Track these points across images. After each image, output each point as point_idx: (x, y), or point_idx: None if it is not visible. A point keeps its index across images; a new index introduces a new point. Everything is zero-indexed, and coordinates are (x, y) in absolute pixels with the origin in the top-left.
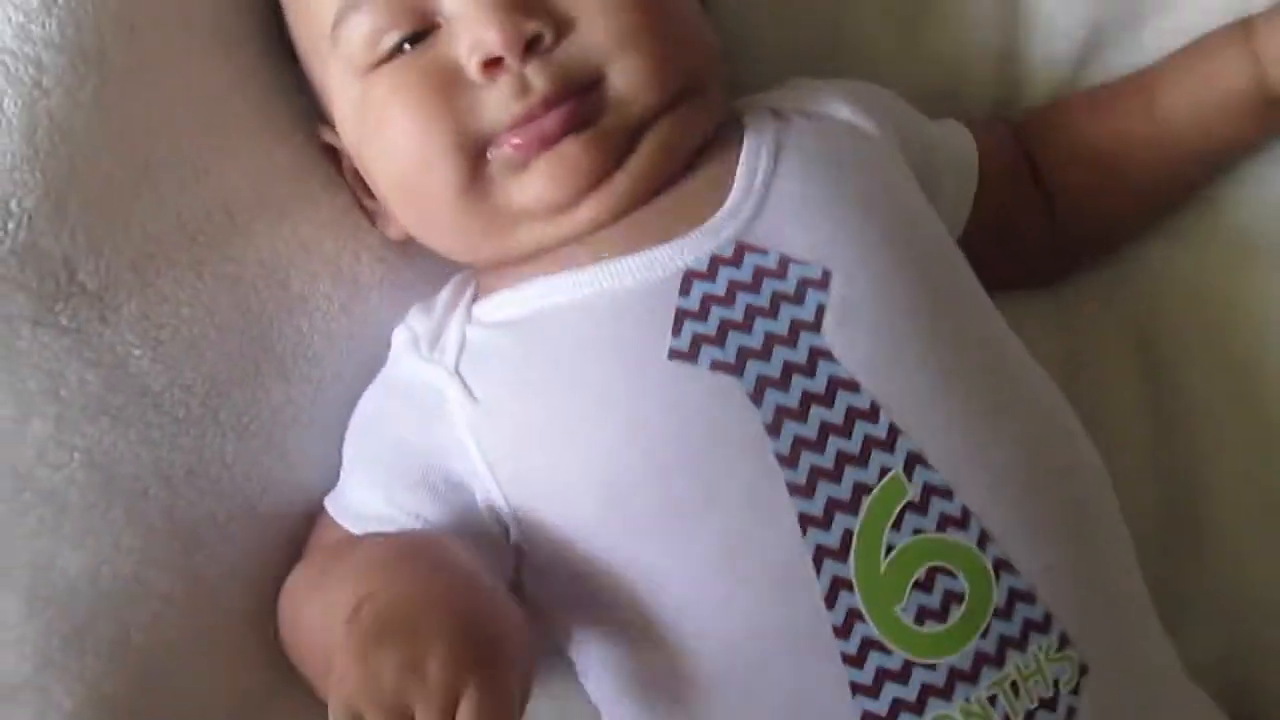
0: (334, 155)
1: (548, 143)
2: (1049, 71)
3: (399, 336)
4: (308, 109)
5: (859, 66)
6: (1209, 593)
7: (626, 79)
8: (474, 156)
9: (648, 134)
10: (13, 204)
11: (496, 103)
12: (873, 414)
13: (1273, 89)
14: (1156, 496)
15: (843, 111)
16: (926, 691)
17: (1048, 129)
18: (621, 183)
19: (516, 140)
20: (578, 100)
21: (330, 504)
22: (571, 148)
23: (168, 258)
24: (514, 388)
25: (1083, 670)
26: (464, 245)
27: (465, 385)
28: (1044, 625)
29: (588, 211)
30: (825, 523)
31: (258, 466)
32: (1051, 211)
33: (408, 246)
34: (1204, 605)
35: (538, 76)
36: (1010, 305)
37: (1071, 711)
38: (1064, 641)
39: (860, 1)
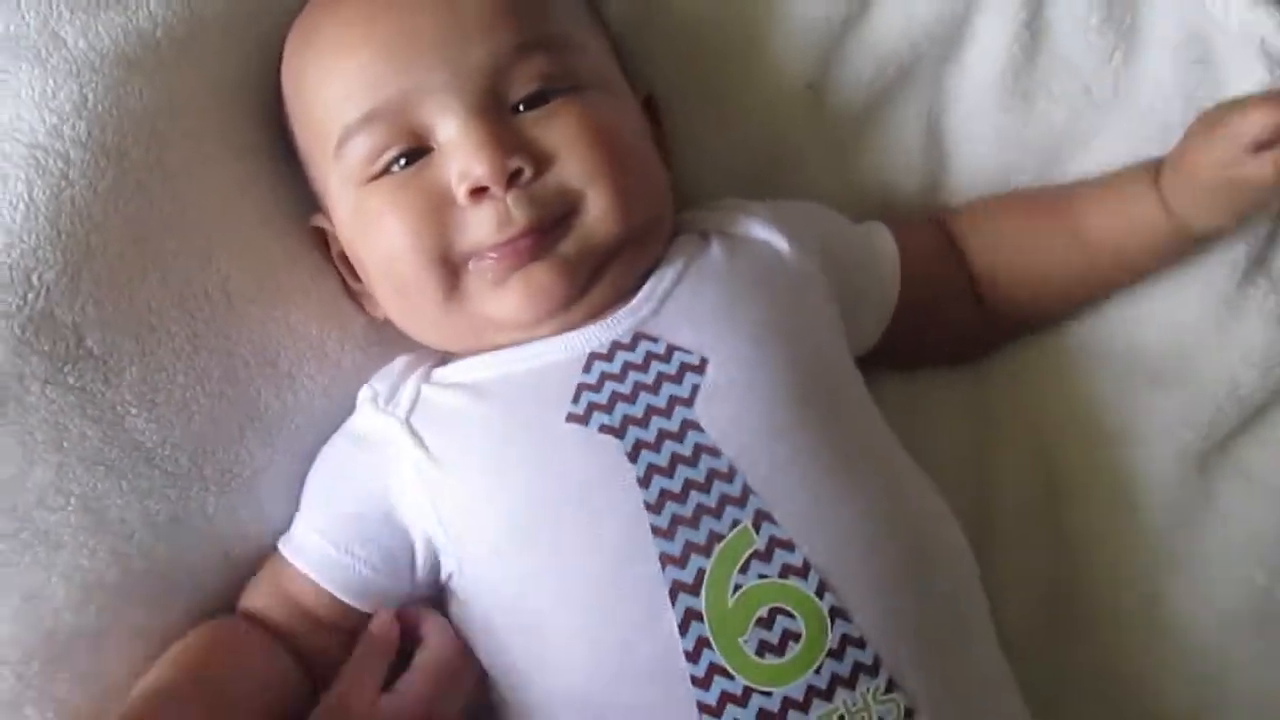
0: (323, 238)
1: (522, 262)
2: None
3: (362, 394)
4: (302, 205)
5: (795, 184)
6: (1090, 673)
7: (596, 213)
8: (456, 268)
9: (612, 264)
10: (34, 278)
11: (480, 225)
12: (729, 475)
13: (1182, 230)
14: (1048, 583)
15: (760, 231)
16: (763, 715)
17: (978, 227)
18: (583, 308)
19: (494, 256)
20: (552, 229)
21: (283, 544)
22: (541, 271)
23: (168, 331)
24: (459, 439)
25: (908, 713)
26: (441, 338)
27: (415, 434)
28: (873, 669)
29: (550, 328)
30: (682, 562)
31: (235, 519)
32: (979, 297)
33: (384, 333)
34: (1086, 685)
35: (518, 207)
36: (930, 392)
37: None
38: (891, 685)
39: (796, 127)
